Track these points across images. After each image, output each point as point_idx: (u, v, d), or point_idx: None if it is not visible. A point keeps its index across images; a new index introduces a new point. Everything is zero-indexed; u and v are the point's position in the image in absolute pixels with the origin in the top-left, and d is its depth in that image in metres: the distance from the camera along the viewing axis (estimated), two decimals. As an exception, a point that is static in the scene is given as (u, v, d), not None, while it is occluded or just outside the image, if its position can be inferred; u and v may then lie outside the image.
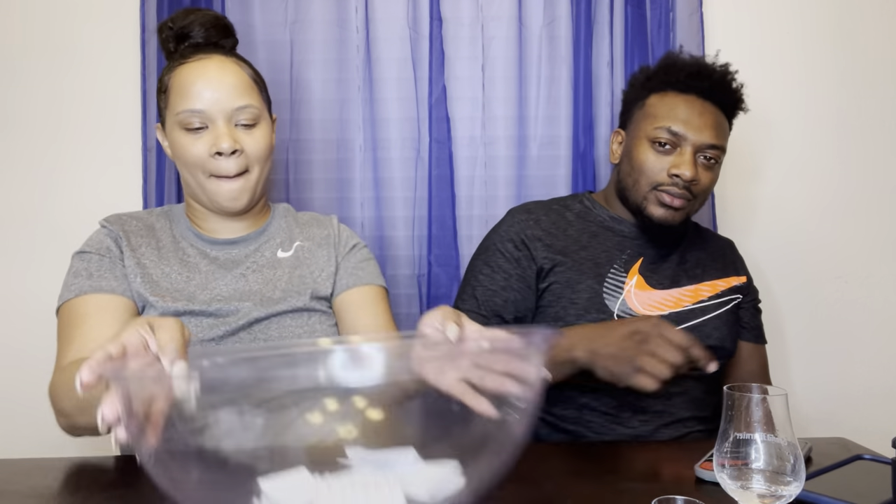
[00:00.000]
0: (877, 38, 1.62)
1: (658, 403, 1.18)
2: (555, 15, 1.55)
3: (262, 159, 1.10)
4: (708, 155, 1.20)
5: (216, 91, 1.05)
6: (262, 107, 1.11)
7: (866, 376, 1.65)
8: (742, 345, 1.31)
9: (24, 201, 1.56)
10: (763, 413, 0.65)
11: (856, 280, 1.65)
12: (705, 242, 1.34)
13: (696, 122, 1.19)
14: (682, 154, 1.19)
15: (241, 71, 1.09)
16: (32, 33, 1.55)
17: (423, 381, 0.62)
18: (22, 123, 1.55)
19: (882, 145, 1.64)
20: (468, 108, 1.56)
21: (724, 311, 1.26)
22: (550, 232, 1.25)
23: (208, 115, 1.05)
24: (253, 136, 1.08)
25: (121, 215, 1.14)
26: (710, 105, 1.21)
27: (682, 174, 1.18)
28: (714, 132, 1.20)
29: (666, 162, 1.20)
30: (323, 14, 1.54)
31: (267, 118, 1.12)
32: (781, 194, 1.63)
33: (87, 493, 0.85)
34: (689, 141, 1.19)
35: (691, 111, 1.20)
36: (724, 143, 1.23)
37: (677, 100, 1.21)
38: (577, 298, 1.20)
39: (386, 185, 1.56)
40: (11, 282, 1.56)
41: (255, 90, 1.10)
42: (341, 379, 0.57)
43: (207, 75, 1.06)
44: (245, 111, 1.07)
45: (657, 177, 1.20)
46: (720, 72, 1.23)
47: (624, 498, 0.81)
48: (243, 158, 1.07)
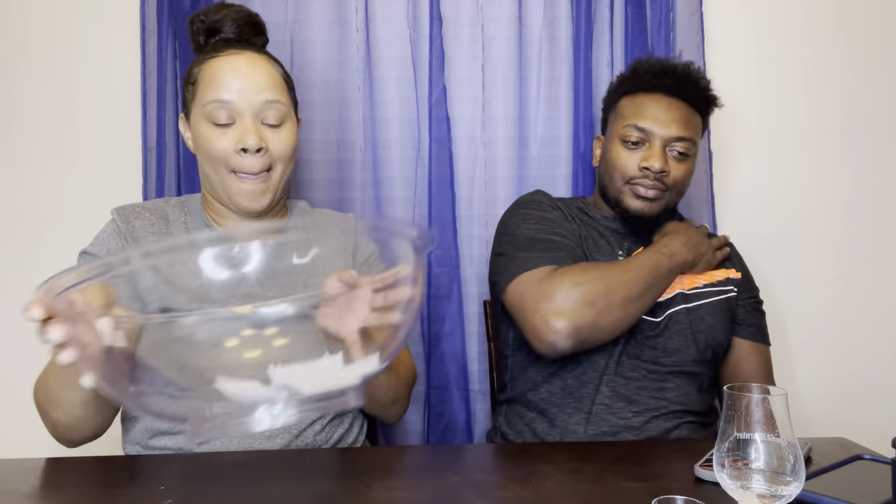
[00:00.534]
0: (878, 37, 1.62)
1: (650, 397, 1.19)
2: (555, 15, 1.55)
3: (286, 159, 1.10)
4: (677, 148, 1.26)
5: (246, 83, 1.05)
6: (290, 106, 1.11)
7: (866, 376, 1.65)
8: (740, 342, 1.31)
9: (24, 201, 1.56)
10: (763, 413, 0.65)
11: (856, 280, 1.65)
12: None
13: (662, 118, 1.26)
14: (651, 148, 1.26)
15: (272, 68, 1.10)
16: (32, 33, 1.55)
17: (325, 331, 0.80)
18: (22, 123, 1.55)
19: (882, 145, 1.64)
20: (468, 108, 1.56)
21: (719, 300, 1.27)
22: (563, 213, 1.32)
23: (236, 107, 1.05)
24: (279, 135, 1.08)
25: (134, 207, 1.12)
26: (677, 101, 1.27)
27: (651, 166, 1.24)
28: (680, 125, 1.26)
29: (637, 157, 1.27)
30: (323, 14, 1.54)
31: (293, 118, 1.12)
32: (781, 194, 1.63)
33: (88, 492, 0.85)
34: (656, 135, 1.25)
35: (658, 108, 1.27)
36: (693, 135, 1.28)
37: (644, 99, 1.29)
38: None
39: (386, 186, 1.56)
40: (11, 281, 1.55)
41: (284, 89, 1.10)
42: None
43: (238, 68, 1.06)
44: (273, 107, 1.07)
45: (629, 171, 1.27)
46: (682, 68, 1.30)
47: (624, 498, 0.81)
48: (267, 157, 1.07)
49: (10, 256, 1.56)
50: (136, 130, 1.53)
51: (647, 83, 1.29)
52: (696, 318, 1.24)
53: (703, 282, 1.29)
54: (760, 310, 1.35)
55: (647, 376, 1.20)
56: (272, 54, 1.14)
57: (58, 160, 1.56)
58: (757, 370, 1.31)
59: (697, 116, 1.30)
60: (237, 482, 0.87)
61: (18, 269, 1.56)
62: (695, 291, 1.27)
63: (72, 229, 1.50)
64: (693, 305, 1.25)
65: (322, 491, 0.85)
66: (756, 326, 1.32)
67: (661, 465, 0.92)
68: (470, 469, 0.94)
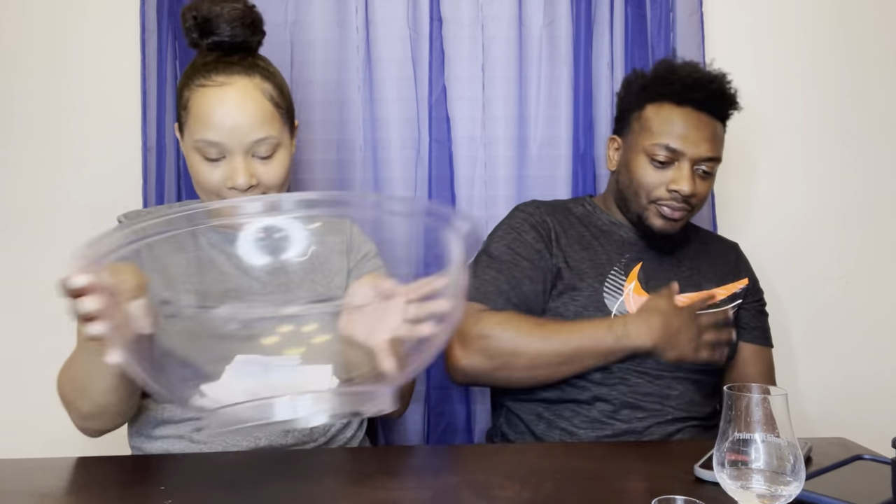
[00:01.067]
0: (878, 37, 1.62)
1: (654, 403, 1.19)
2: (555, 15, 1.55)
3: (278, 186, 1.08)
4: (704, 167, 1.22)
5: (235, 120, 1.02)
6: (283, 131, 1.08)
7: (866, 376, 1.65)
8: (743, 346, 1.31)
9: (24, 201, 1.56)
10: (763, 413, 0.65)
11: (857, 280, 1.65)
12: (707, 248, 1.35)
13: (692, 137, 1.20)
14: (679, 169, 1.21)
15: (263, 97, 1.05)
16: (32, 33, 1.55)
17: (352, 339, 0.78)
18: (21, 123, 1.55)
19: (883, 145, 1.64)
20: (468, 108, 1.56)
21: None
22: (556, 229, 1.28)
23: (226, 147, 1.03)
24: (269, 167, 1.06)
25: (140, 213, 1.13)
26: (706, 116, 1.22)
27: (680, 189, 1.20)
28: (710, 144, 1.21)
29: (665, 177, 1.22)
30: (323, 14, 1.54)
31: (287, 143, 1.09)
32: (782, 195, 1.63)
33: (87, 492, 0.85)
34: (686, 156, 1.21)
35: (688, 125, 1.21)
36: (721, 153, 1.24)
37: (673, 113, 1.22)
38: (577, 296, 1.21)
39: (386, 186, 1.56)
40: (11, 282, 1.55)
41: (275, 117, 1.06)
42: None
43: (226, 105, 1.02)
44: (263, 143, 1.04)
45: (656, 192, 1.22)
46: (717, 82, 1.23)
47: (624, 498, 0.81)
48: (259, 190, 1.06)
49: (10, 256, 1.56)
50: (135, 131, 1.53)
51: (677, 94, 1.22)
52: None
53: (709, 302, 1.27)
54: (764, 311, 1.35)
55: (652, 382, 1.19)
56: (266, 62, 1.10)
57: (58, 160, 1.56)
58: (760, 372, 1.31)
59: (723, 130, 1.26)
60: (237, 482, 0.87)
61: (19, 269, 1.55)
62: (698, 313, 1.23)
63: (72, 229, 1.51)
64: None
65: (322, 491, 0.85)
66: (760, 329, 1.32)
67: (661, 465, 0.92)
68: (470, 469, 0.94)
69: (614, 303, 1.21)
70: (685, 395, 1.20)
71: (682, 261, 1.30)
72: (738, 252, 1.38)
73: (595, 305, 1.20)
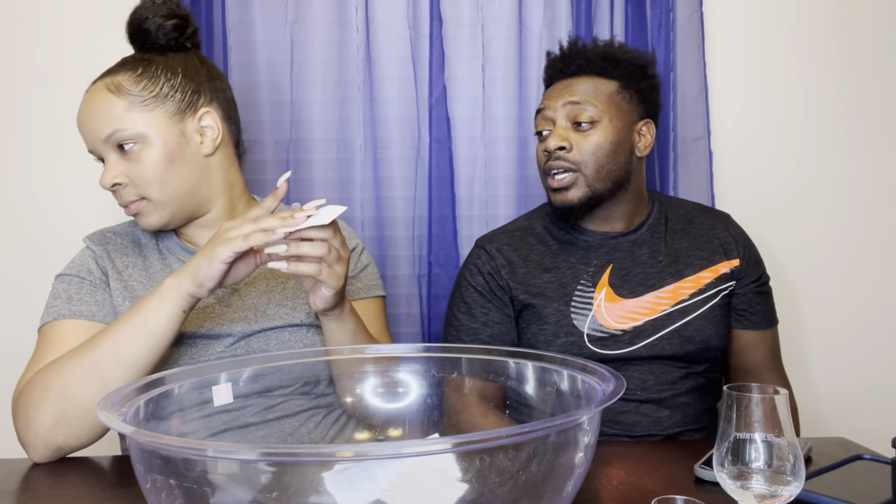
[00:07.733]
0: (878, 37, 1.62)
1: (650, 424, 1.18)
2: (555, 15, 1.55)
3: (154, 182, 1.00)
4: (579, 120, 1.18)
5: (88, 123, 1.02)
6: (147, 126, 1.00)
7: (866, 376, 1.65)
8: (742, 333, 1.25)
9: (22, 202, 1.56)
10: (763, 413, 0.65)
11: (856, 280, 1.65)
12: (690, 227, 1.27)
13: (554, 94, 1.22)
14: (551, 131, 1.21)
15: (108, 92, 1.00)
16: (32, 33, 1.55)
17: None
18: (20, 123, 1.55)
19: (883, 145, 1.64)
20: (468, 108, 1.56)
21: (710, 306, 1.20)
22: (513, 260, 1.24)
23: (94, 151, 1.04)
24: (134, 164, 1.00)
25: (105, 233, 1.11)
26: (574, 77, 1.22)
27: (547, 146, 1.19)
28: (571, 91, 1.20)
29: (542, 146, 1.22)
30: (323, 14, 1.54)
31: (151, 135, 1.00)
32: (781, 194, 1.63)
33: (87, 492, 0.85)
34: (552, 113, 1.21)
35: (553, 89, 1.24)
36: (588, 98, 1.18)
37: (547, 91, 1.27)
38: (544, 324, 1.19)
39: (386, 185, 1.56)
40: (8, 282, 1.55)
41: (134, 110, 1.00)
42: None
43: (82, 108, 1.03)
44: (114, 138, 1.00)
45: (540, 162, 1.23)
46: (565, 49, 1.26)
47: (624, 498, 0.81)
48: (130, 188, 1.01)
49: (10, 256, 1.56)
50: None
51: (546, 80, 1.28)
52: (685, 338, 1.18)
53: (690, 290, 1.20)
54: (763, 291, 1.26)
55: (640, 407, 1.17)
56: (147, 65, 1.04)
57: (56, 160, 1.56)
58: (763, 356, 1.26)
59: (602, 81, 1.20)
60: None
61: (16, 269, 1.55)
62: (681, 307, 1.19)
63: (72, 229, 1.50)
64: (679, 325, 1.19)
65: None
66: (759, 314, 1.25)
67: (661, 465, 0.92)
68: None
69: (584, 321, 1.18)
70: (680, 409, 1.19)
71: (657, 249, 1.24)
72: (728, 226, 1.28)
73: (565, 330, 1.18)
